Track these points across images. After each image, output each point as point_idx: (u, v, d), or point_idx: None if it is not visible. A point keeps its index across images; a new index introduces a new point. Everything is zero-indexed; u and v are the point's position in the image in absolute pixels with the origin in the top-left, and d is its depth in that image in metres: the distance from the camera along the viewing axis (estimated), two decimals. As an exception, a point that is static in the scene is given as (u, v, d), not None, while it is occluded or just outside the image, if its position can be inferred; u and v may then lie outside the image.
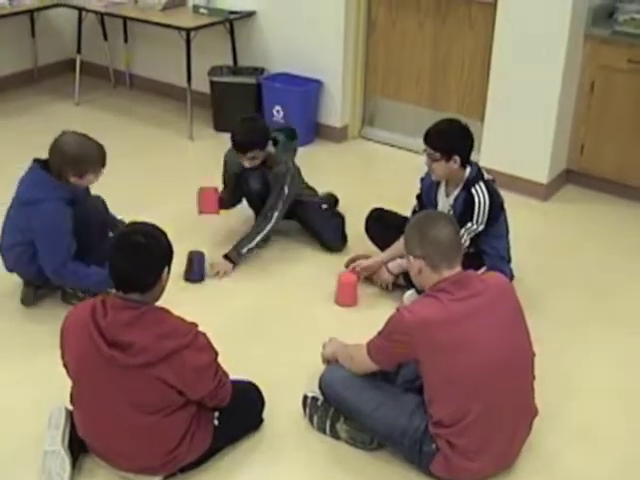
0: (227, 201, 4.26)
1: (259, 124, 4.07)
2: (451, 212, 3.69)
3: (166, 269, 2.64)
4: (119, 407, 2.58)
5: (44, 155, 3.47)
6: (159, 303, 2.67)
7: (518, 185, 4.78)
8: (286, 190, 4.04)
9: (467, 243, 3.63)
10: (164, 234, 2.66)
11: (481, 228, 3.62)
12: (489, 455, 2.71)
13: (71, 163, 3.43)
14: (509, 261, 3.85)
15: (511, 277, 3.80)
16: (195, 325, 2.63)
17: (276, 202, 4.05)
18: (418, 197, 3.93)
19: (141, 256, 2.57)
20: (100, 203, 3.79)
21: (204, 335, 2.64)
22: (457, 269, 2.74)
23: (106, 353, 2.50)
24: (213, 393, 2.69)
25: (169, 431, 2.63)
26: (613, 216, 4.70)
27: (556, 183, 4.92)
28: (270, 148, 4.04)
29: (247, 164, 4.00)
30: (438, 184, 3.77)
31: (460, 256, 2.78)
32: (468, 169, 3.64)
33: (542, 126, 4.67)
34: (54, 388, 2.99)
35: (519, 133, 4.77)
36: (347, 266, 4.00)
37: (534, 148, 4.74)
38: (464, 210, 3.63)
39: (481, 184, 3.62)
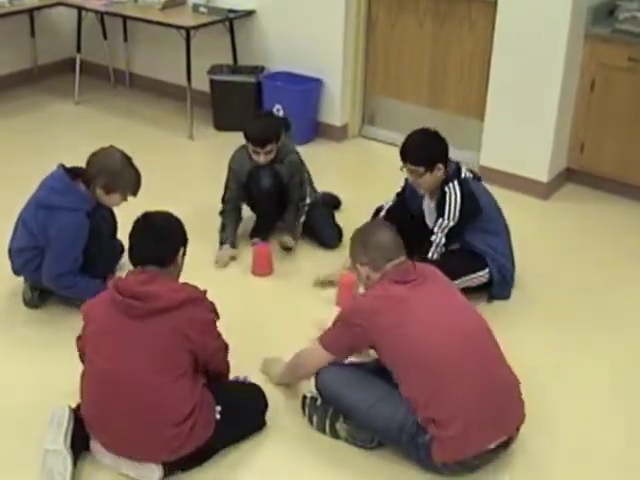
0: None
1: (273, 118, 4.21)
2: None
3: (182, 250, 2.88)
4: (131, 365, 2.67)
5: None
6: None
7: (518, 184, 4.78)
8: (305, 176, 4.22)
9: (443, 240, 3.63)
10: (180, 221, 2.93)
11: (452, 224, 3.60)
12: (479, 424, 2.70)
13: (107, 176, 3.43)
14: (513, 263, 3.81)
15: (512, 280, 3.80)
16: (204, 291, 2.84)
17: (302, 190, 4.20)
18: (399, 194, 3.92)
19: (163, 232, 2.83)
20: (110, 214, 3.75)
21: (211, 301, 2.84)
22: (400, 259, 2.89)
23: (123, 302, 2.68)
24: (218, 355, 2.89)
25: (172, 400, 2.67)
26: (613, 214, 4.70)
27: (556, 182, 4.92)
28: (280, 142, 4.09)
29: (263, 159, 4.05)
30: None
31: (402, 251, 2.92)
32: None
33: (542, 125, 4.67)
34: (55, 388, 2.99)
35: (519, 132, 4.77)
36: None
37: (534, 147, 4.74)
38: (437, 207, 3.64)
39: (455, 182, 3.60)
